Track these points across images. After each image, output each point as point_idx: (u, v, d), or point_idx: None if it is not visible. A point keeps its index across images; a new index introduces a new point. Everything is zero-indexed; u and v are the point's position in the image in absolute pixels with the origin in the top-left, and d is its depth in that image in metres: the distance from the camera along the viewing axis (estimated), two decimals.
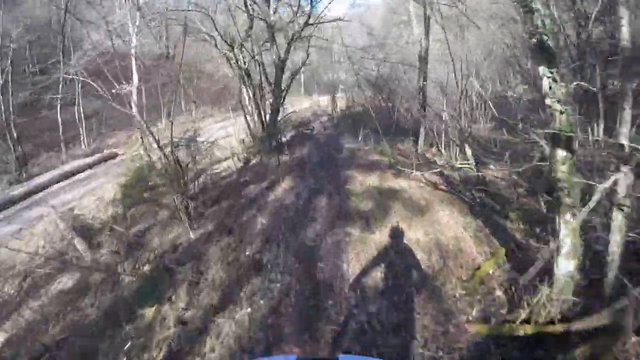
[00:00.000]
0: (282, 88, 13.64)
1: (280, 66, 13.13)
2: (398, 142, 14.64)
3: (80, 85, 24.23)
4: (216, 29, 12.40)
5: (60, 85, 24.21)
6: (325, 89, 31.17)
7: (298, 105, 29.23)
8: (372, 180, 9.88)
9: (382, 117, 22.03)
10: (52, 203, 11.20)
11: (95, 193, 13.40)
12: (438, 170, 8.91)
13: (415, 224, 7.72)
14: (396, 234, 7.07)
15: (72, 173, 17.47)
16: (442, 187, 9.96)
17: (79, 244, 8.72)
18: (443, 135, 11.63)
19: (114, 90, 20.15)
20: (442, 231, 7.59)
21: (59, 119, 23.21)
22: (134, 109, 17.88)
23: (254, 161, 13.30)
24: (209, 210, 9.92)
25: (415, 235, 7.27)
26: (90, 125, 26.10)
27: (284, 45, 13.50)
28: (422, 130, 12.04)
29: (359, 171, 10.53)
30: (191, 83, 27.12)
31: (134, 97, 17.53)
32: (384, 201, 8.48)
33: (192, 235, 8.66)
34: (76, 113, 24.90)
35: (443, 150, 11.57)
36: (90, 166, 19.23)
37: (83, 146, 24.83)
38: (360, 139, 13.91)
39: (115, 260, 8.29)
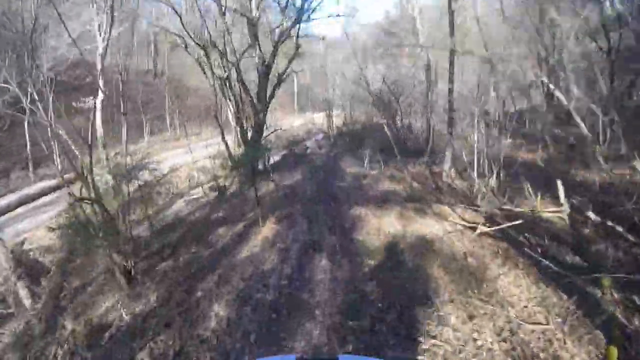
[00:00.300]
0: (267, 100, 10.36)
1: (264, 73, 9.88)
2: (408, 164, 11.45)
3: (52, 97, 20.86)
4: (184, 27, 9.16)
5: (28, 97, 20.84)
6: (320, 106, 28.07)
7: (291, 122, 26.14)
8: (390, 222, 6.58)
9: (384, 134, 18.99)
10: (5, 233, 9.05)
11: (53, 222, 10.56)
12: (518, 222, 5.49)
13: (474, 308, 4.43)
14: (454, 343, 3.75)
15: (37, 196, 14.37)
16: (486, 228, 6.70)
17: (21, 290, 6.74)
18: (475, 158, 8.42)
19: (75, 103, 16.99)
20: (519, 321, 4.31)
21: (26, 134, 19.92)
22: (98, 124, 14.60)
23: (232, 189, 9.97)
24: (162, 265, 6.65)
25: (482, 337, 3.98)
26: (66, 142, 22.51)
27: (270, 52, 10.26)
28: (448, 152, 8.78)
29: (371, 208, 7.23)
30: (177, 99, 23.86)
31: (99, 112, 14.26)
32: (418, 263, 5.17)
33: (124, 315, 5.43)
34: (48, 128, 21.49)
35: (476, 177, 8.32)
36: (54, 189, 15.80)
37: (57, 165, 21.40)
38: (366, 161, 10.61)
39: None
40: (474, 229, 6.60)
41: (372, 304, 4.18)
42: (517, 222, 5.10)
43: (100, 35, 14.01)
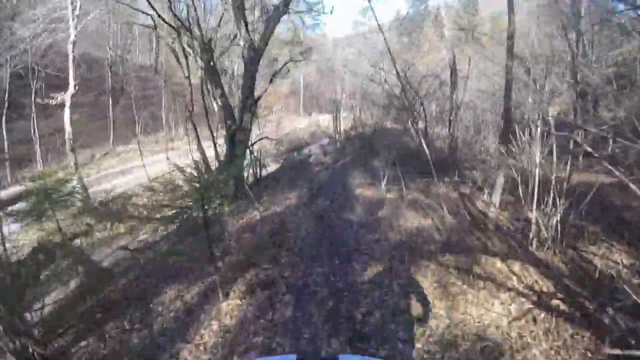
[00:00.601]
0: (255, 95, 7.81)
1: (251, 60, 7.32)
2: (432, 183, 8.92)
3: (34, 90, 18.63)
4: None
5: (7, 91, 18.64)
6: (327, 107, 25.45)
7: (295, 124, 23.65)
8: (425, 301, 4.00)
9: (398, 141, 16.41)
10: None
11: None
12: None
13: None
14: None
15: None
16: (565, 307, 4.23)
17: None
18: (536, 183, 5.80)
19: (39, 100, 14.62)
20: None
21: (4, 131, 17.88)
22: (67, 125, 12.19)
23: (209, 214, 7.45)
24: (80, 345, 4.29)
25: None
26: (54, 141, 20.29)
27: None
28: (500, 176, 6.13)
29: (394, 269, 4.64)
30: (174, 96, 21.40)
31: (68, 108, 11.85)
32: None
33: None
34: (32, 126, 19.26)
35: (535, 214, 5.70)
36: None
37: (38, 166, 19.22)
38: (383, 183, 7.96)
39: None
40: (546, 298, 4.09)
41: None
42: None
43: (72, 21, 11.60)
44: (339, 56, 28.02)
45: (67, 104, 11.36)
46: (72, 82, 11.63)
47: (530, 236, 5.92)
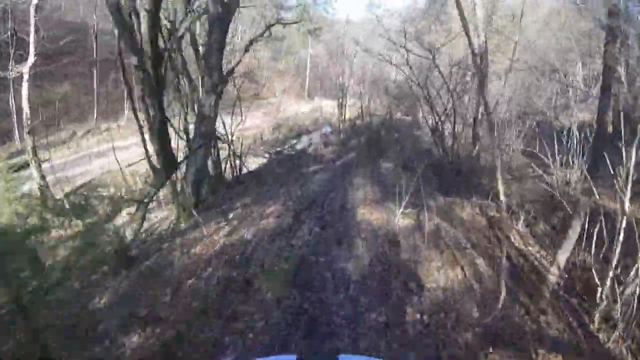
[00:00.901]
0: (223, 71, 5.72)
1: (219, 18, 5.17)
2: (455, 203, 6.99)
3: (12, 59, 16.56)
4: None
5: None
6: (332, 92, 23.07)
7: (297, 109, 21.42)
8: None
9: (411, 135, 14.34)
10: None
11: None
12: None
13: None
14: None
15: None
16: None
17: None
18: (622, 227, 3.79)
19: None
20: None
21: None
22: (25, 103, 10.16)
23: (161, 229, 5.61)
24: None
25: None
26: (36, 116, 18.36)
27: None
28: (577, 224, 3.94)
29: None
30: None
31: (26, 82, 9.81)
32: None
33: None
34: (10, 98, 17.26)
35: (613, 280, 3.74)
36: None
37: (16, 143, 17.49)
38: (399, 207, 5.70)
39: None
40: None
41: None
42: None
43: None
44: (350, 36, 25.55)
45: (25, 77, 9.35)
46: (32, 52, 9.58)
47: (596, 312, 3.95)
